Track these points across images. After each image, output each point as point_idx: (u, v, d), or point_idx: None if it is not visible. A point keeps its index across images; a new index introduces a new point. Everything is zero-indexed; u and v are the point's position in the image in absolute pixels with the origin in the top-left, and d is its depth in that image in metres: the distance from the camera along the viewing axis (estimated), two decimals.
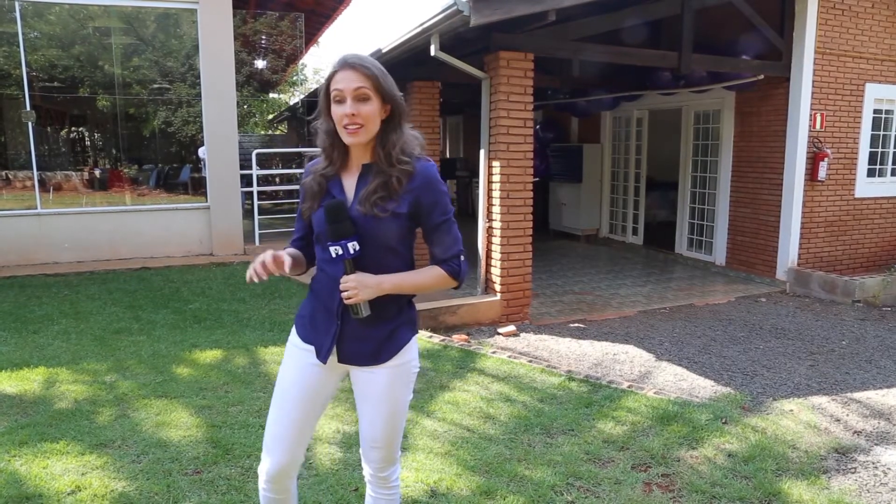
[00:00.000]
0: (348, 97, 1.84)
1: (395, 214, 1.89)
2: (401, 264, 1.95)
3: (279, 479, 2.06)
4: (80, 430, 3.58)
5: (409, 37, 6.44)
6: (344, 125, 1.86)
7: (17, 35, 8.15)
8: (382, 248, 1.91)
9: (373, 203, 1.87)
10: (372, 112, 1.86)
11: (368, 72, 1.85)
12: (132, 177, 10.43)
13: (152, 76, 10.07)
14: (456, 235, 1.98)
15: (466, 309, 6.16)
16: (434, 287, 1.98)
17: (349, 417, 3.81)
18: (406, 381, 2.03)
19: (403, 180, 1.89)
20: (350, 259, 1.87)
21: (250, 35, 14.48)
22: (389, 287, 1.90)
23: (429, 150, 8.58)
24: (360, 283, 1.86)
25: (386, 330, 1.96)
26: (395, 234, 1.91)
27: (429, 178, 1.92)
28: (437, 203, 1.93)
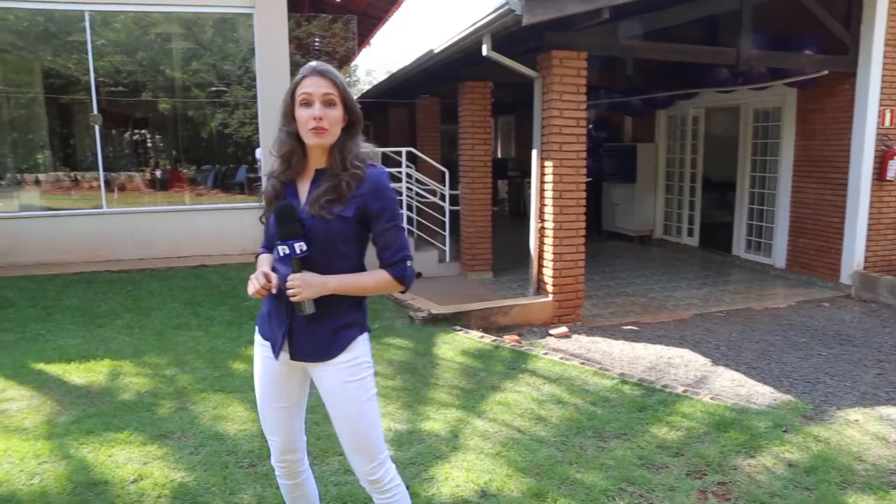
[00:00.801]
0: (316, 101, 1.95)
1: (342, 218, 1.98)
2: (348, 266, 2.04)
3: (283, 463, 2.26)
4: (142, 421, 3.71)
5: (461, 37, 6.45)
6: (311, 128, 1.95)
7: (86, 43, 8.48)
8: (329, 250, 2.00)
9: (321, 205, 1.97)
10: (337, 117, 1.98)
11: (336, 81, 1.98)
12: (191, 177, 10.73)
13: (210, 79, 10.34)
14: (403, 241, 2.07)
15: (518, 309, 6.13)
16: (379, 290, 2.08)
17: (400, 415, 3.84)
18: (357, 378, 2.07)
19: (353, 185, 1.98)
20: (297, 258, 1.97)
21: (304, 38, 14.71)
22: (334, 287, 1.99)
23: (480, 150, 8.61)
24: (304, 281, 1.95)
25: (331, 328, 2.05)
26: (341, 236, 2.00)
27: (378, 185, 2.01)
28: (385, 209, 2.02)
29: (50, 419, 3.76)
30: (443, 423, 3.76)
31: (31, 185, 9.74)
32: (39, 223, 8.46)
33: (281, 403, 2.18)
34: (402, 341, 5.30)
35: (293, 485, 2.33)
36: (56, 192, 9.76)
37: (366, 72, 31.84)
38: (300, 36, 14.47)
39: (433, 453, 3.38)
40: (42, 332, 5.42)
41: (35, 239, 8.16)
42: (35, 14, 9.01)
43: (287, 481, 2.32)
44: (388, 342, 5.27)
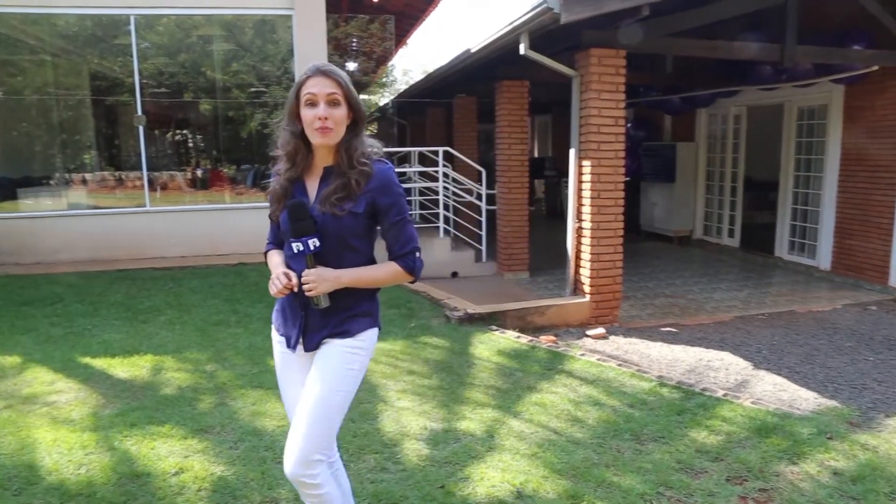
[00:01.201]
0: (321, 101, 1.99)
1: (353, 213, 2.04)
2: (359, 260, 2.11)
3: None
4: (183, 415, 3.79)
5: (498, 36, 6.43)
6: (316, 127, 1.99)
7: (130, 46, 8.69)
8: (341, 245, 2.06)
9: (332, 203, 2.02)
10: (341, 116, 2.02)
11: (340, 80, 2.01)
12: (231, 176, 10.92)
13: (250, 80, 10.49)
14: (411, 233, 2.13)
15: (555, 310, 6.09)
16: (391, 281, 2.15)
17: (436, 414, 3.85)
18: (348, 363, 2.10)
19: (362, 182, 2.04)
20: (311, 254, 2.03)
21: (342, 38, 14.84)
22: (348, 280, 2.06)
23: (517, 149, 8.58)
24: (319, 276, 2.01)
25: (342, 318, 2.11)
26: (353, 231, 2.06)
27: (386, 181, 2.07)
28: (393, 204, 2.08)
29: (96, 411, 3.86)
30: (479, 423, 3.75)
31: (78, 185, 10.03)
32: (86, 221, 8.70)
33: (298, 396, 2.20)
34: (438, 340, 5.32)
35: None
36: (102, 190, 10.02)
37: (402, 71, 32.03)
38: (338, 37, 14.60)
39: (469, 453, 3.38)
40: (88, 327, 5.57)
41: (82, 236, 8.39)
42: (83, 19, 9.26)
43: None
44: (425, 341, 5.29)
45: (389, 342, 5.21)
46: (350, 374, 2.11)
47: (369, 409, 3.90)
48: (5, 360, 4.75)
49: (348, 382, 2.11)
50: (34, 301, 6.30)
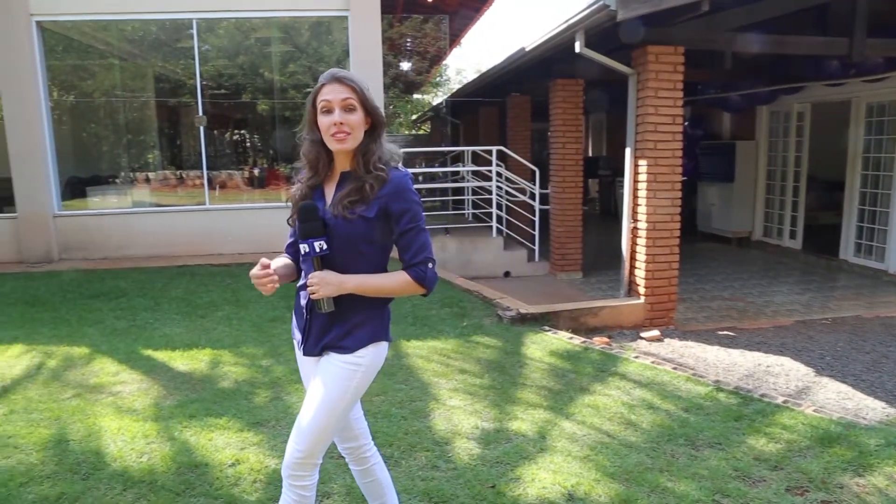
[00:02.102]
0: (336, 107, 1.97)
1: (364, 218, 1.99)
2: (369, 267, 2.05)
3: (348, 450, 2.33)
4: (239, 408, 3.88)
5: (553, 34, 6.38)
6: (332, 133, 1.98)
7: (192, 49, 8.95)
8: (350, 250, 2.02)
9: (344, 206, 1.99)
10: (357, 121, 2.00)
11: (355, 85, 2.00)
12: (286, 175, 11.14)
13: (306, 81, 10.67)
14: (424, 242, 2.05)
15: (608, 311, 6.02)
16: (399, 292, 2.08)
17: (488, 414, 3.85)
18: (346, 381, 2.05)
19: (376, 187, 2.00)
20: (317, 257, 2.01)
21: (396, 38, 14.95)
22: (352, 286, 2.01)
23: (571, 148, 8.50)
24: (322, 280, 1.99)
25: (345, 326, 2.06)
26: (363, 236, 2.01)
27: (400, 187, 2.02)
28: (407, 210, 2.02)
29: (157, 402, 4.00)
30: (530, 424, 3.73)
31: (141, 183, 10.40)
32: (149, 219, 9.01)
33: None
34: (490, 340, 5.31)
35: (362, 471, 2.37)
36: (163, 189, 10.37)
37: (456, 71, 32.07)
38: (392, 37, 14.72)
39: (520, 453, 3.36)
40: (150, 321, 5.77)
41: (145, 233, 8.69)
42: (149, 24, 9.58)
43: (356, 467, 2.37)
44: (477, 340, 5.29)
45: (441, 341, 5.23)
46: (348, 391, 2.07)
47: (421, 407, 3.92)
48: (74, 350, 4.96)
49: (345, 399, 2.07)
50: (100, 295, 6.56)
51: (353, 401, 2.11)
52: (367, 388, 2.16)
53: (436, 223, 9.98)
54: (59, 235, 8.51)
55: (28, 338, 5.28)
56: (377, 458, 2.40)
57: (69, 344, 5.11)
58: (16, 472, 3.13)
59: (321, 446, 2.07)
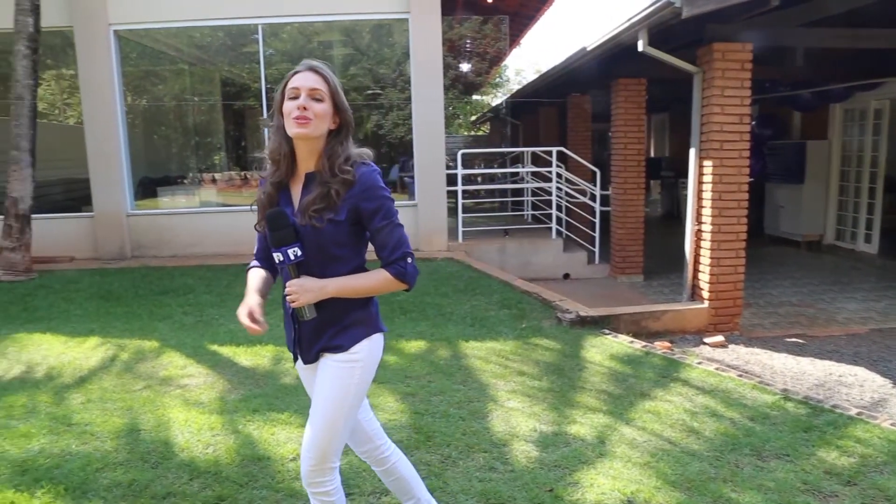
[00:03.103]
0: (303, 93, 1.91)
1: (334, 222, 1.94)
2: (346, 268, 2.00)
3: (365, 454, 2.33)
4: (300, 404, 3.96)
5: (615, 33, 6.29)
6: (294, 117, 1.90)
7: (257, 53, 9.20)
8: (324, 255, 1.97)
9: (310, 215, 1.93)
10: (322, 111, 1.93)
11: (326, 77, 1.95)
12: None
13: (367, 83, 10.82)
14: (401, 238, 1.99)
15: (671, 315, 5.89)
16: (381, 290, 2.02)
17: (546, 417, 3.82)
18: (346, 378, 2.03)
19: (342, 191, 1.93)
20: (293, 264, 1.95)
21: (456, 40, 14.99)
22: (333, 290, 1.96)
23: (633, 149, 8.35)
24: (301, 287, 1.94)
25: (334, 328, 2.03)
26: (335, 240, 1.96)
27: (369, 185, 1.95)
28: (379, 208, 1.96)
29: (222, 396, 4.12)
30: (589, 428, 3.69)
31: (208, 184, 10.74)
32: (215, 218, 9.30)
33: None
34: (549, 342, 5.27)
35: (383, 471, 2.36)
36: (229, 189, 10.68)
37: (515, 71, 31.94)
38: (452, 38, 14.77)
39: (578, 458, 3.33)
40: (216, 317, 5.95)
41: (212, 232, 8.97)
42: (216, 30, 9.89)
43: (377, 468, 2.36)
44: (535, 342, 5.26)
45: (500, 342, 5.22)
46: (350, 388, 2.04)
47: (479, 408, 3.92)
48: (145, 344, 5.16)
49: (349, 396, 2.04)
50: (169, 291, 6.81)
51: (359, 398, 2.07)
52: (370, 383, 2.14)
53: (495, 224, 9.96)
54: (132, 233, 8.87)
55: (103, 331, 5.53)
56: (397, 456, 2.38)
57: (140, 337, 5.32)
58: (92, 457, 3.28)
59: (334, 449, 2.04)
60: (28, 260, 7.62)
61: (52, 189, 10.08)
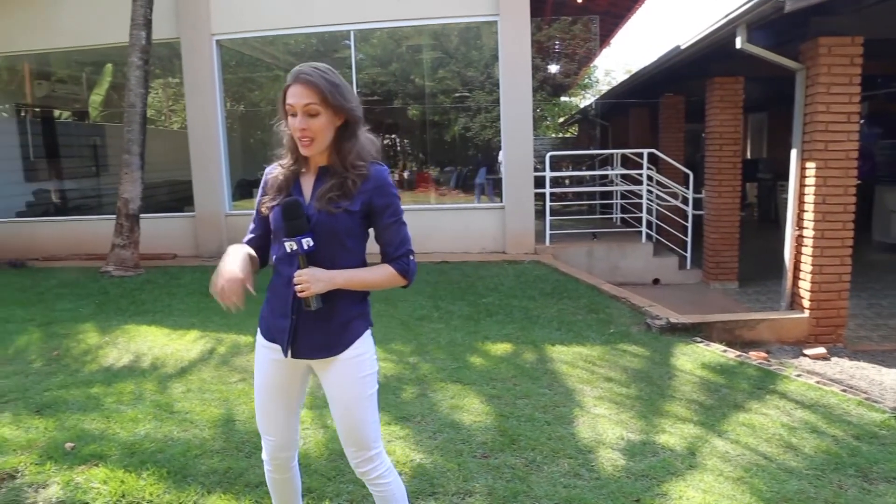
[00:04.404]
0: (299, 112, 1.94)
1: (348, 212, 1.99)
2: (353, 261, 2.05)
3: (276, 460, 2.26)
4: (387, 402, 4.04)
5: (711, 30, 6.08)
6: (298, 137, 1.97)
7: (349, 58, 9.44)
8: (335, 245, 2.01)
9: (328, 200, 1.99)
10: (321, 125, 1.96)
11: (316, 87, 1.93)
12: (435, 178, 11.44)
13: (455, 86, 10.90)
14: (405, 236, 2.08)
15: (767, 325, 5.62)
16: (384, 284, 2.08)
17: (634, 425, 3.73)
18: (360, 373, 2.07)
19: (358, 182, 2.00)
20: (304, 254, 1.98)
21: (544, 41, 14.87)
22: (342, 281, 2.01)
23: (729, 150, 8.05)
24: (312, 276, 1.96)
25: (337, 323, 2.05)
26: (348, 230, 2.01)
27: (381, 182, 2.03)
28: (388, 205, 2.04)
29: (312, 391, 4.23)
30: (679, 438, 3.57)
31: None
32: None
33: (281, 403, 2.18)
34: (637, 349, 5.14)
35: (282, 479, 2.33)
36: None
37: (605, 72, 31.33)
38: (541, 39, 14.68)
39: (667, 468, 3.23)
40: None
41: None
42: (310, 37, 10.22)
43: (277, 476, 2.31)
44: (623, 348, 5.15)
45: (587, 347, 5.15)
46: (366, 380, 2.09)
47: (565, 413, 3.88)
48: (241, 339, 5.40)
49: (368, 387, 2.10)
50: (264, 288, 7.07)
51: (376, 385, 2.14)
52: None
53: (582, 227, 9.82)
54: (229, 232, 9.30)
55: (202, 325, 5.82)
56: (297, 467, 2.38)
57: (237, 332, 5.56)
58: (191, 444, 3.46)
59: (371, 437, 2.12)
60: (136, 257, 8.13)
61: (158, 190, 10.71)
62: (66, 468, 3.17)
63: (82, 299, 6.90)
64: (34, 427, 3.65)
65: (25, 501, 2.92)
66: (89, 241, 9.58)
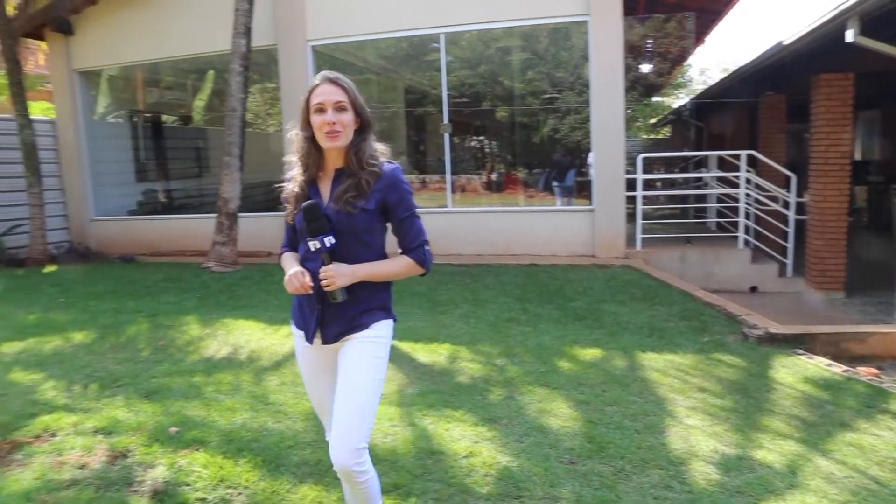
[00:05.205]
0: (329, 108, 2.14)
1: (365, 210, 2.17)
2: (372, 255, 2.23)
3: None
4: (474, 403, 4.05)
5: (818, 24, 5.78)
6: (325, 132, 2.15)
7: (438, 61, 9.53)
8: (355, 241, 2.19)
9: (345, 200, 2.16)
10: (348, 121, 2.17)
11: (346, 87, 2.17)
12: (524, 180, 11.39)
13: (544, 87, 10.82)
14: (420, 228, 2.26)
15: (878, 338, 5.26)
16: (404, 273, 2.27)
17: (729, 438, 3.58)
18: (375, 354, 2.23)
19: (372, 181, 2.18)
20: (327, 251, 2.14)
21: (636, 40, 14.53)
22: (364, 274, 2.19)
23: (836, 151, 7.61)
24: (337, 271, 2.14)
25: (359, 312, 2.23)
26: (366, 227, 2.19)
27: (394, 179, 2.21)
28: (401, 200, 2.21)
29: (401, 389, 4.32)
30: (778, 455, 3.40)
31: None
32: None
33: (325, 387, 2.36)
34: (733, 359, 4.93)
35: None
36: None
37: (699, 71, 30.29)
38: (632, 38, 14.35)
39: (765, 486, 3.08)
40: (397, 313, 6.23)
41: None
42: (400, 41, 10.40)
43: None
44: (718, 358, 4.95)
45: (679, 355, 4.98)
46: (377, 362, 2.24)
47: (655, 423, 3.77)
48: None
49: (377, 370, 2.24)
50: None
51: (384, 373, 2.27)
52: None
53: (675, 231, 9.52)
54: None
55: None
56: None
57: None
58: (285, 435, 3.58)
59: (368, 426, 2.21)
60: (235, 254, 8.51)
61: (255, 190, 11.18)
62: (171, 451, 3.36)
63: (185, 293, 7.29)
64: (143, 411, 3.89)
65: (136, 479, 3.11)
66: (192, 238, 10.13)
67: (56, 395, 4.17)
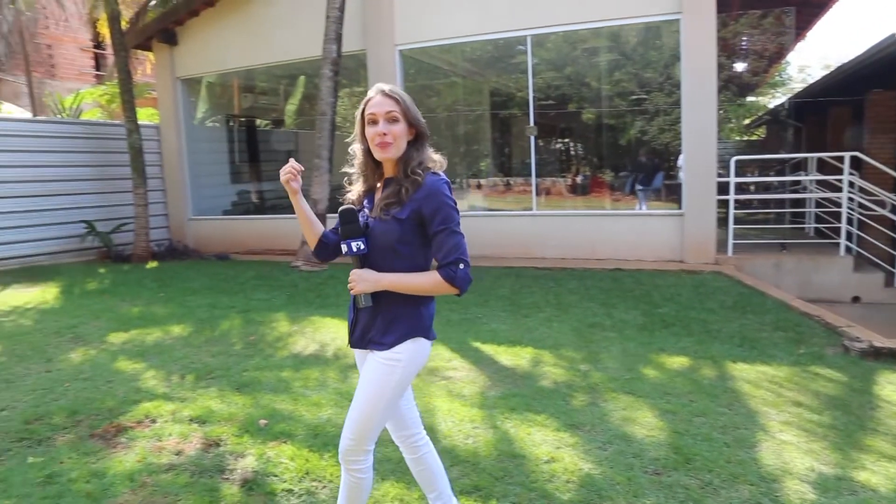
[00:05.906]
0: (381, 119, 2.16)
1: (396, 219, 2.16)
2: (406, 266, 2.19)
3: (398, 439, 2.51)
4: (557, 408, 4.01)
5: None
6: (377, 143, 2.17)
7: (524, 63, 9.50)
8: (387, 249, 2.18)
9: (381, 208, 2.19)
10: (400, 131, 2.17)
11: (399, 98, 2.18)
12: (609, 183, 11.19)
13: (631, 88, 10.58)
14: (457, 243, 2.15)
15: None
16: (432, 290, 2.20)
17: (826, 457, 3.40)
18: (386, 376, 2.21)
19: (411, 190, 2.16)
20: (356, 256, 2.18)
21: (730, 38, 13.98)
22: (388, 283, 2.17)
23: None
24: (360, 277, 2.18)
25: (381, 320, 2.23)
26: (397, 236, 2.16)
27: (433, 191, 2.16)
28: (438, 212, 2.15)
29: (483, 391, 4.33)
30: (883, 478, 3.20)
31: (474, 189, 11.36)
32: (482, 221, 9.81)
33: None
34: (832, 373, 4.68)
35: (414, 459, 2.51)
36: (493, 194, 11.19)
37: (798, 68, 28.82)
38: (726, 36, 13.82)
39: None
40: (479, 316, 6.27)
41: (477, 235, 9.44)
42: (486, 44, 10.44)
43: (408, 455, 2.52)
44: (816, 371, 4.70)
45: (773, 367, 4.77)
46: (389, 386, 2.22)
47: (746, 436, 3.62)
48: None
49: (387, 393, 2.23)
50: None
51: (397, 394, 2.26)
52: (410, 382, 2.32)
53: (770, 237, 9.11)
54: None
55: None
56: (429, 448, 2.54)
57: None
58: None
59: (369, 435, 2.25)
60: None
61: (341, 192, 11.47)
62: (260, 442, 3.50)
63: (275, 290, 7.58)
64: (235, 402, 4.07)
65: (227, 467, 3.27)
66: (282, 238, 10.52)
67: (156, 384, 4.43)
